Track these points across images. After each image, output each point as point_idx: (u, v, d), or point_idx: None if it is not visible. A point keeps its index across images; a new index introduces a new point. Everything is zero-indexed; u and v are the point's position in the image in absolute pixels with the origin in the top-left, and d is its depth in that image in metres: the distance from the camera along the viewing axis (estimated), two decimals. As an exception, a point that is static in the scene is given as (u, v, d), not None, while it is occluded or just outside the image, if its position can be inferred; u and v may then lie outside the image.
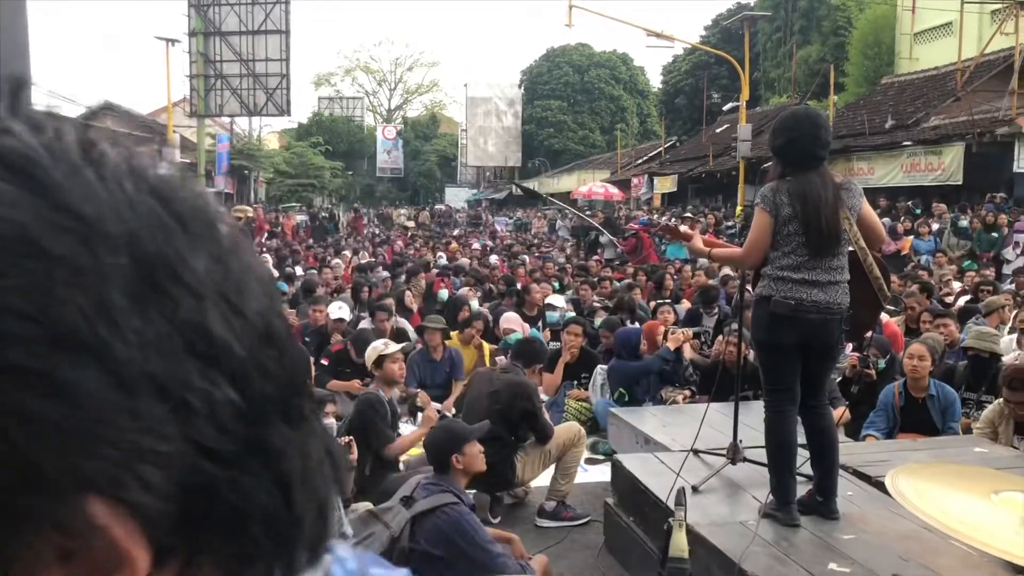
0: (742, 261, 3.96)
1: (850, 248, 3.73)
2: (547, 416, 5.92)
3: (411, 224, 31.58)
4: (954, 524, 1.92)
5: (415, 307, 10.16)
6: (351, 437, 4.83)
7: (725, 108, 36.99)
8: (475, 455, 4.09)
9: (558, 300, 9.90)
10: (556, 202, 24.27)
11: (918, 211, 17.11)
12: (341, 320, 8.61)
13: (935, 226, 15.27)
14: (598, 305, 9.30)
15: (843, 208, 3.63)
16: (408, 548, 3.65)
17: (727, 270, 10.39)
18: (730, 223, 20.35)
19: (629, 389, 7.03)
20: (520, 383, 5.45)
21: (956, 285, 11.22)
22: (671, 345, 7.10)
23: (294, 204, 36.80)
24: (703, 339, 9.32)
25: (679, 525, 2.62)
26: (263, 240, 19.61)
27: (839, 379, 6.93)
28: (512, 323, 8.65)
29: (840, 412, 5.86)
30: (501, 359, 7.23)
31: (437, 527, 3.66)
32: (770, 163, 3.96)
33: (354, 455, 4.77)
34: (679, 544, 2.55)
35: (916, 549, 3.46)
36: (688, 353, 8.43)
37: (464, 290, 11.11)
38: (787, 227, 3.62)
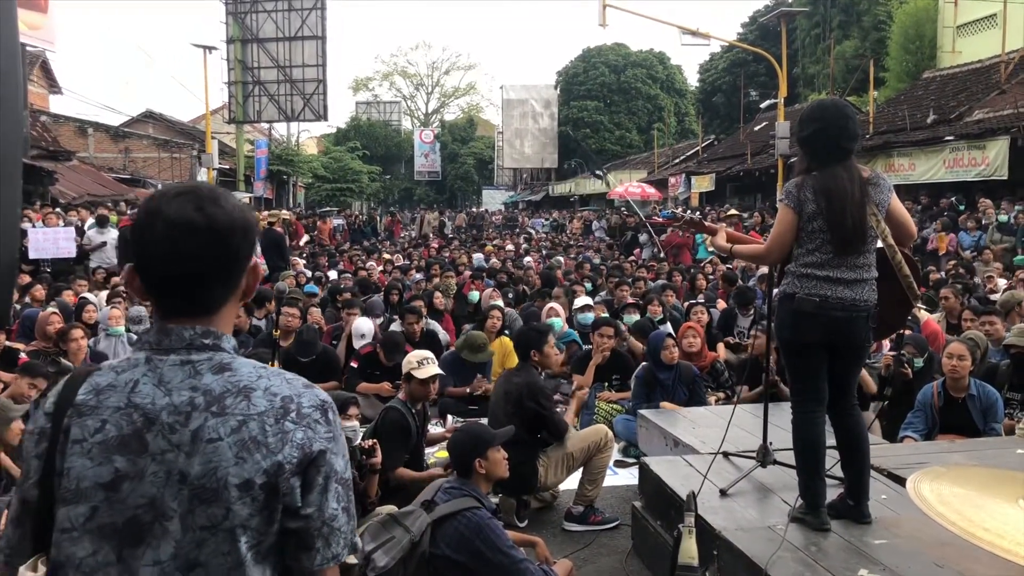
0: (764, 258, 3.85)
1: (879, 245, 3.62)
2: (566, 413, 5.80)
3: (433, 226, 31.79)
4: (977, 531, 1.82)
5: (443, 308, 10.16)
6: (375, 440, 4.80)
7: (763, 106, 36.55)
8: (498, 460, 4.03)
9: (585, 301, 9.88)
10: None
11: (961, 207, 16.69)
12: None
13: (982, 221, 14.92)
14: (630, 301, 9.21)
15: (870, 204, 3.52)
16: (429, 552, 3.61)
17: (764, 269, 10.25)
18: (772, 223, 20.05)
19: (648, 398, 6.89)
20: (527, 383, 5.37)
21: (1002, 282, 10.94)
22: None
23: (331, 209, 37.08)
24: (739, 338, 9.19)
25: (688, 532, 2.54)
26: (299, 244, 19.73)
27: (875, 378, 6.77)
28: (557, 311, 8.94)
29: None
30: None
31: (458, 531, 3.62)
32: (796, 158, 3.85)
33: (378, 458, 4.74)
34: (688, 551, 2.47)
35: (952, 555, 3.33)
36: (723, 355, 8.31)
37: (488, 292, 11.09)
38: (812, 223, 3.51)
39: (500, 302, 10.06)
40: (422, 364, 5.44)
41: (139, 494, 1.35)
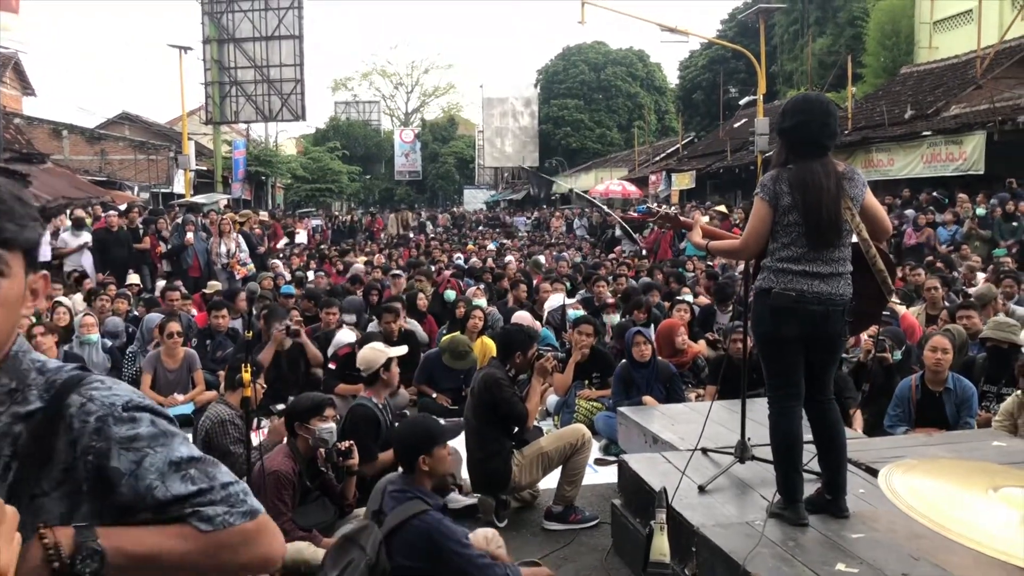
0: (740, 252, 3.84)
1: (854, 239, 3.61)
2: (528, 400, 5.70)
3: (412, 225, 31.75)
4: (948, 523, 1.80)
5: (426, 309, 10.10)
6: (352, 441, 4.75)
7: (742, 102, 36.62)
8: (443, 457, 3.95)
9: (558, 300, 9.84)
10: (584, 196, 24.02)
11: (945, 200, 16.71)
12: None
13: (960, 214, 15.00)
14: (611, 301, 9.17)
15: (845, 198, 3.51)
16: (389, 567, 3.53)
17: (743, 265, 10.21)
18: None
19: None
20: (485, 375, 5.35)
21: (981, 276, 10.99)
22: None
23: (310, 209, 36.89)
24: (718, 335, 9.17)
25: (660, 528, 2.51)
26: (276, 246, 19.58)
27: (853, 366, 6.78)
28: (523, 320, 8.62)
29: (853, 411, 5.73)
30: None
31: (409, 541, 3.55)
32: (772, 151, 3.84)
33: (355, 459, 4.69)
34: (660, 548, 2.44)
35: (927, 548, 3.32)
36: (704, 351, 8.31)
37: (471, 290, 11.05)
38: (787, 217, 3.51)
39: (483, 301, 9.99)
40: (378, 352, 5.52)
41: None
